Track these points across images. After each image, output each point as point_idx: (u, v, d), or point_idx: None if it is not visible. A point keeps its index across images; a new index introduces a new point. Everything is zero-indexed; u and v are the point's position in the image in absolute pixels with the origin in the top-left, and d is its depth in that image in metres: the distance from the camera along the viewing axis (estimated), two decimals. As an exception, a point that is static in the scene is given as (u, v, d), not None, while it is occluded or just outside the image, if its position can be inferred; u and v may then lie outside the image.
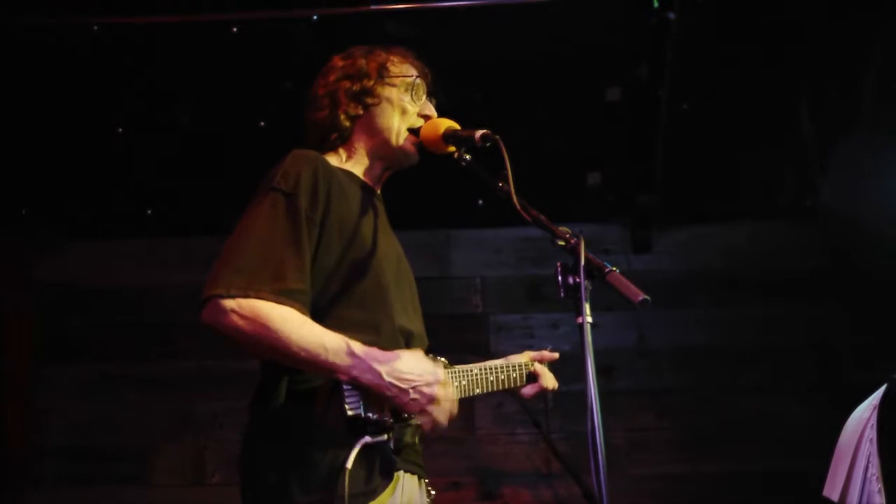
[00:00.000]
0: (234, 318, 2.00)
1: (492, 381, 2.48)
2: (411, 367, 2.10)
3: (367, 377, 2.04)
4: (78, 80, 4.06)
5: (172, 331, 4.82)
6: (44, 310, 4.85)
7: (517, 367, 2.59)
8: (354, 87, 2.38)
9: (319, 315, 2.11)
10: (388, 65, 2.42)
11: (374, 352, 2.08)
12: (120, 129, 4.29)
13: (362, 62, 2.41)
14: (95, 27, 3.80)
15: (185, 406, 4.74)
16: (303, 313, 2.05)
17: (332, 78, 2.41)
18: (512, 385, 2.57)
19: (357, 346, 2.06)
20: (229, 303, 2.01)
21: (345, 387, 2.05)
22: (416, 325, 2.37)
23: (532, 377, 2.64)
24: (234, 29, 3.88)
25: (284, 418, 2.08)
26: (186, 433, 4.71)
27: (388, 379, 2.05)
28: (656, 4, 3.75)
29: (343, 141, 2.40)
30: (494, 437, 4.73)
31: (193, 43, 3.94)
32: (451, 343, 4.52)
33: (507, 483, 4.69)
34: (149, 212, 4.73)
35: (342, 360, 2.03)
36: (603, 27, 3.95)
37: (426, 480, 2.30)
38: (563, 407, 4.66)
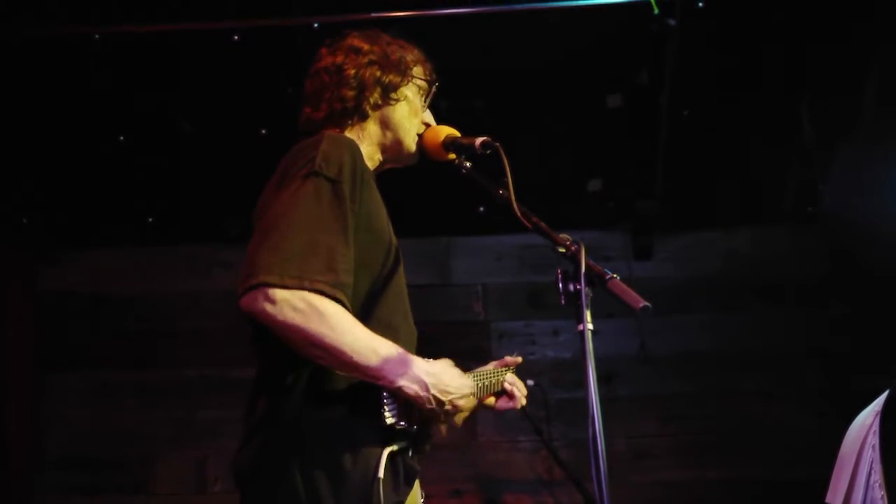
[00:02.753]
0: (286, 309, 1.89)
1: (481, 388, 2.48)
2: (452, 379, 2.08)
3: (413, 388, 2.00)
4: (79, 89, 4.06)
5: (174, 339, 4.82)
6: (46, 319, 4.85)
7: (495, 374, 2.57)
8: (384, 79, 2.32)
9: None
10: (413, 66, 2.39)
11: (421, 361, 2.05)
12: (121, 138, 4.30)
13: (396, 55, 2.36)
14: (97, 36, 3.81)
15: (187, 414, 4.74)
16: (349, 306, 1.97)
17: (363, 60, 2.33)
18: (491, 391, 2.55)
19: (407, 355, 2.02)
20: (282, 293, 1.89)
21: (385, 394, 2.01)
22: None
23: (508, 393, 2.60)
24: (236, 37, 3.89)
25: (308, 422, 1.99)
26: (188, 442, 4.71)
27: (432, 391, 2.02)
28: (657, 11, 3.76)
29: (357, 125, 2.33)
30: (496, 444, 4.73)
31: (195, 51, 3.95)
32: (453, 350, 4.48)
33: (509, 490, 4.68)
34: (150, 220, 4.74)
35: (392, 367, 1.97)
36: (604, 34, 3.96)
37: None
38: (564, 414, 4.66)
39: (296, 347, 1.95)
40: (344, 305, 1.95)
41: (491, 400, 2.58)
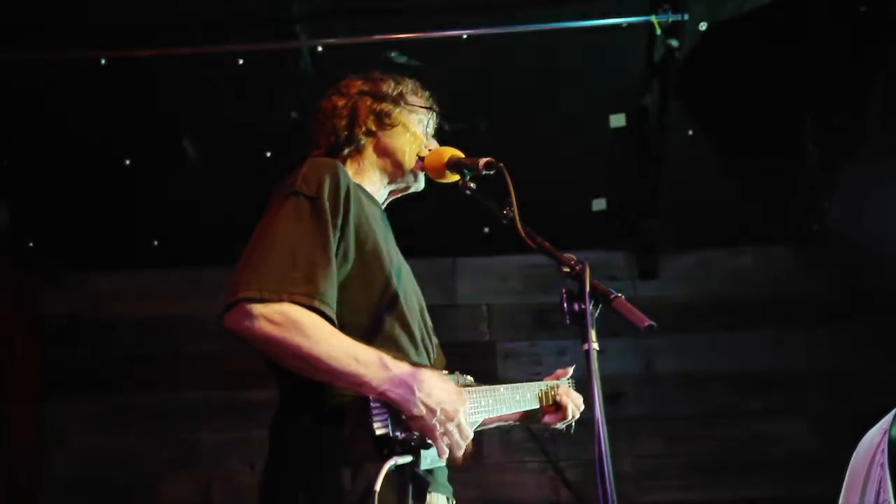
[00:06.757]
0: (263, 323, 1.90)
1: (518, 401, 2.46)
2: (441, 388, 2.03)
3: (397, 392, 1.96)
4: (86, 113, 4.09)
5: (179, 362, 4.82)
6: (51, 342, 4.85)
7: (551, 388, 2.59)
8: (375, 107, 2.38)
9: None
10: (407, 94, 2.44)
11: (406, 367, 2.01)
12: (127, 161, 4.32)
13: (385, 86, 2.42)
14: (104, 61, 3.84)
15: (192, 437, 4.72)
16: (331, 317, 1.97)
17: (353, 92, 2.40)
18: (539, 404, 2.57)
19: (389, 360, 1.99)
20: (259, 307, 1.91)
21: (372, 403, 1.98)
22: (431, 343, 2.36)
23: (558, 405, 2.64)
24: (241, 61, 3.92)
25: (310, 440, 2.00)
26: (193, 464, 4.69)
27: (418, 394, 1.98)
28: (660, 31, 3.78)
29: (355, 154, 2.37)
30: (503, 465, 4.71)
31: (200, 75, 3.98)
32: (459, 371, 4.53)
33: (516, 512, 4.67)
34: (155, 243, 4.75)
35: (373, 373, 1.95)
36: (608, 55, 3.98)
37: (454, 501, 2.26)
38: (571, 434, 4.63)
39: (277, 360, 1.97)
40: (325, 315, 1.96)
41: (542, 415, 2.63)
